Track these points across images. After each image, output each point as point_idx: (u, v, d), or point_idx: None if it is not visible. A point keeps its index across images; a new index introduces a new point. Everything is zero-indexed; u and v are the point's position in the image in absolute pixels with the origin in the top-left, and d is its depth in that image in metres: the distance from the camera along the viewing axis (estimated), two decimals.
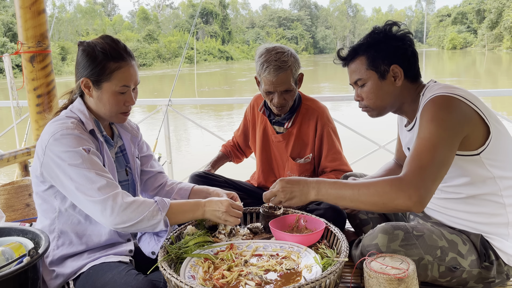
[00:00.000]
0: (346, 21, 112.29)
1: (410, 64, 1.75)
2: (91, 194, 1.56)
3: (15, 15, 3.18)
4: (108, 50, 1.69)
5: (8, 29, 40.62)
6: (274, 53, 2.24)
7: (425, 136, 1.55)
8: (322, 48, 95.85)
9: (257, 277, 1.48)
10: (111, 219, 1.56)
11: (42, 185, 1.71)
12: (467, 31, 73.53)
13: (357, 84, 1.82)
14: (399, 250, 1.60)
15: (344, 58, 1.84)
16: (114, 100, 1.73)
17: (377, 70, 1.74)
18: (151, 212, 1.60)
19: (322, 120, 2.44)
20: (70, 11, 65.45)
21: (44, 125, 1.74)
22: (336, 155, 2.45)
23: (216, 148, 3.03)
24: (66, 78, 32.75)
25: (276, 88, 2.26)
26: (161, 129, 4.52)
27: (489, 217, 1.69)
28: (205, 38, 69.90)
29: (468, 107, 1.58)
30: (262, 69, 2.25)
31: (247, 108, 2.70)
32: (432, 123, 1.56)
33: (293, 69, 2.26)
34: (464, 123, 1.56)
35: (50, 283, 1.70)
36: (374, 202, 1.54)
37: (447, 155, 1.53)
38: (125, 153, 1.95)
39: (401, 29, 1.75)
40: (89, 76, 1.71)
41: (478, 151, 1.61)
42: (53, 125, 1.67)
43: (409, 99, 1.78)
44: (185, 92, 22.20)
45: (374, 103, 1.79)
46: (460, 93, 1.60)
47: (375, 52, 1.73)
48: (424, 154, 1.52)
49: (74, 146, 1.60)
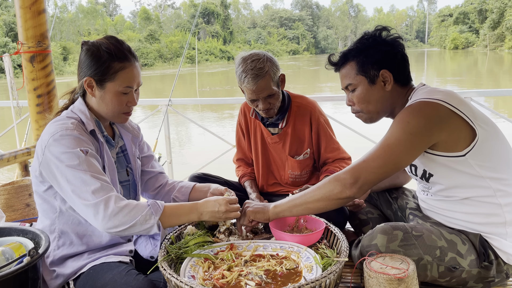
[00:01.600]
0: (348, 21, 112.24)
1: (400, 69, 1.77)
2: (84, 197, 1.56)
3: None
4: (113, 50, 1.70)
5: (10, 29, 40.68)
6: (250, 61, 2.24)
7: (385, 136, 1.65)
8: (324, 48, 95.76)
9: (257, 277, 1.48)
10: (103, 223, 1.55)
11: (42, 185, 1.72)
12: (469, 31, 73.41)
13: (348, 89, 1.85)
14: (398, 251, 1.60)
15: (335, 64, 1.87)
16: (117, 100, 1.74)
17: (366, 75, 1.76)
18: (144, 216, 1.58)
19: (315, 115, 2.47)
20: (72, 11, 65.44)
21: (44, 125, 1.74)
22: (335, 145, 2.51)
23: (217, 148, 3.02)
24: (68, 78, 32.82)
25: (258, 95, 2.27)
26: (161, 129, 4.52)
27: (486, 217, 1.70)
28: (207, 38, 69.95)
29: (447, 111, 1.60)
30: (242, 80, 2.26)
31: (238, 118, 2.68)
32: (397, 125, 1.64)
33: (271, 73, 2.26)
34: (435, 127, 1.59)
35: (51, 283, 1.70)
36: (319, 199, 1.68)
37: (400, 156, 1.61)
38: (126, 153, 1.95)
39: (391, 34, 1.77)
40: (92, 75, 1.71)
41: (463, 152, 1.62)
42: (53, 125, 1.67)
43: (399, 103, 1.80)
44: (187, 92, 22.21)
45: (366, 107, 1.81)
46: (441, 97, 1.62)
47: (365, 58, 1.76)
48: (373, 151, 1.64)
49: (72, 147, 1.60)
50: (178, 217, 1.69)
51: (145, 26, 67.01)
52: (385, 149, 1.61)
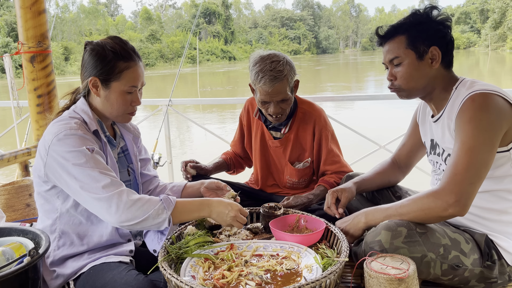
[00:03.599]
0: (349, 21, 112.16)
1: (448, 49, 1.76)
2: (96, 192, 1.56)
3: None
4: (118, 49, 1.72)
5: (11, 29, 40.76)
6: (269, 62, 2.16)
7: (463, 140, 1.60)
8: (325, 48, 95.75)
9: (257, 277, 1.47)
10: (116, 217, 1.55)
11: (44, 185, 1.71)
12: (470, 31, 73.40)
13: (392, 63, 1.81)
14: (402, 247, 1.59)
15: (383, 36, 1.83)
16: (122, 99, 1.75)
17: (416, 50, 1.74)
18: (156, 211, 1.59)
19: (319, 124, 2.40)
20: (73, 11, 65.53)
21: (45, 125, 1.74)
22: (335, 158, 2.42)
23: (217, 148, 3.02)
24: (69, 78, 32.84)
25: (272, 98, 2.20)
26: (162, 129, 4.52)
27: (499, 214, 1.70)
28: (208, 38, 70.01)
29: (505, 102, 1.61)
30: (257, 79, 2.18)
31: (241, 112, 2.65)
32: (469, 124, 1.59)
33: (289, 78, 2.20)
34: (503, 118, 1.59)
35: (51, 283, 1.70)
36: (417, 216, 1.64)
37: (485, 157, 1.57)
38: (127, 153, 1.96)
39: (442, 13, 1.76)
40: (98, 75, 1.72)
41: (509, 147, 1.63)
42: (56, 125, 1.67)
43: (440, 86, 1.78)
44: (188, 92, 22.23)
45: (408, 83, 1.78)
46: (496, 89, 1.63)
47: (417, 32, 1.73)
48: (460, 159, 1.58)
49: (78, 146, 1.60)
50: (189, 212, 1.69)
51: (146, 26, 67.12)
52: (469, 154, 1.57)
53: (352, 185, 2.06)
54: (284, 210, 1.97)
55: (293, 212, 1.97)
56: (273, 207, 1.95)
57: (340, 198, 1.99)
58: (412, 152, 2.14)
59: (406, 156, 2.16)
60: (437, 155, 1.87)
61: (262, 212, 1.93)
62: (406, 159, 2.17)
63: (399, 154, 2.19)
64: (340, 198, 1.99)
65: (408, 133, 2.15)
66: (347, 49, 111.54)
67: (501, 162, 1.66)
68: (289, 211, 1.98)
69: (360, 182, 2.11)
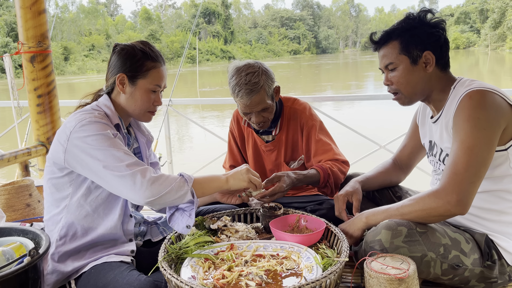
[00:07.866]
0: (349, 21, 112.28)
1: (442, 52, 1.76)
2: (120, 170, 1.59)
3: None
4: (147, 50, 1.82)
5: (11, 29, 40.77)
6: (244, 74, 2.13)
7: (461, 139, 1.60)
8: (325, 48, 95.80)
9: (258, 277, 1.47)
10: (140, 192, 1.57)
11: (58, 172, 1.73)
12: (470, 31, 73.42)
13: (387, 69, 1.82)
14: (402, 246, 1.59)
15: (376, 42, 1.84)
16: (146, 97, 1.83)
17: (409, 55, 1.75)
18: (178, 183, 1.63)
19: (305, 117, 2.38)
20: (73, 11, 65.48)
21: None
22: (326, 146, 2.33)
23: (217, 148, 3.01)
24: (69, 78, 32.83)
25: (252, 109, 2.19)
26: (162, 129, 4.52)
27: (498, 214, 1.70)
28: (208, 38, 70.02)
29: (502, 100, 1.61)
30: (235, 93, 2.17)
31: (230, 125, 2.62)
32: (468, 123, 1.59)
33: (266, 88, 2.16)
34: (501, 116, 1.59)
35: (51, 281, 1.70)
36: (418, 215, 1.65)
37: (484, 155, 1.58)
38: (139, 155, 1.99)
39: (435, 16, 1.76)
40: (126, 71, 1.79)
41: (506, 146, 1.63)
42: (78, 114, 1.71)
43: (438, 88, 1.79)
44: (188, 92, 22.22)
45: (405, 88, 1.79)
46: (493, 87, 1.63)
47: (409, 37, 1.74)
48: (459, 159, 1.59)
49: (102, 130, 1.65)
50: (208, 183, 1.76)
51: (146, 26, 67.17)
52: (468, 153, 1.57)
53: (358, 185, 2.06)
54: (284, 210, 1.97)
55: (293, 212, 1.97)
56: (273, 207, 1.95)
57: (352, 201, 1.99)
58: (412, 153, 2.14)
59: (407, 158, 2.16)
60: (434, 156, 1.88)
61: (262, 212, 1.93)
62: (407, 160, 2.17)
63: (400, 155, 2.19)
64: (351, 201, 1.99)
65: (408, 134, 2.15)
66: (346, 49, 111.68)
67: (499, 161, 1.66)
68: (289, 211, 1.98)
69: (365, 181, 2.11)
